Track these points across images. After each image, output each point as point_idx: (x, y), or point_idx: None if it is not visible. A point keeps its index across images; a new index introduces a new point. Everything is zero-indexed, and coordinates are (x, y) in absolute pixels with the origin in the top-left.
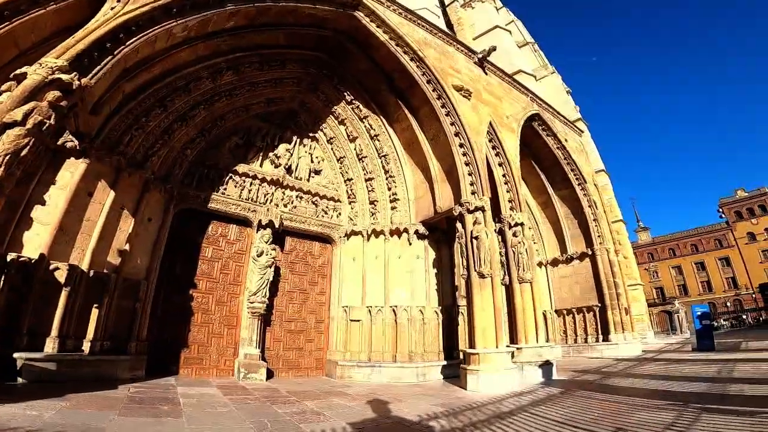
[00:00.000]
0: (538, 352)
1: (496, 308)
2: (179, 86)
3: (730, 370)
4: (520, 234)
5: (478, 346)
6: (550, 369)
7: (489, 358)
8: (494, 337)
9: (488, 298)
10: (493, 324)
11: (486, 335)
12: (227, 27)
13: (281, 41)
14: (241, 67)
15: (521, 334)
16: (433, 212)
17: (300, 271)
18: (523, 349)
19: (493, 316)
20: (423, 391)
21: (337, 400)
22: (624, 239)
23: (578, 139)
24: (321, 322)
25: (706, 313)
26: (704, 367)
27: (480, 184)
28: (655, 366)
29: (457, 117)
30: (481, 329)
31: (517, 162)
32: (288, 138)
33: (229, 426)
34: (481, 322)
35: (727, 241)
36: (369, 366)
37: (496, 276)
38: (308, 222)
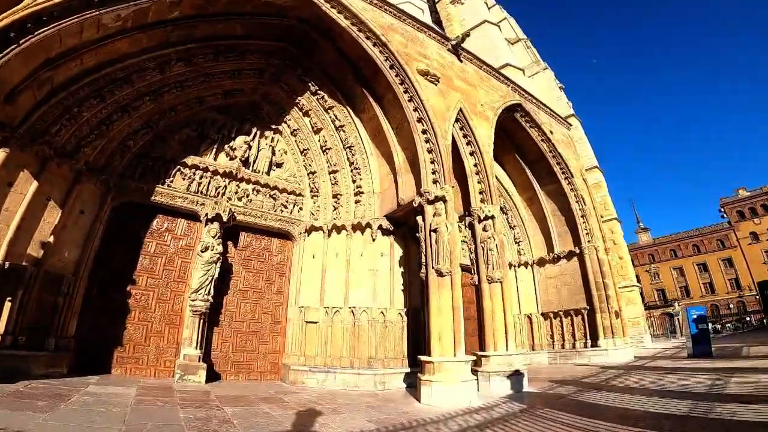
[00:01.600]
0: (508, 360)
1: (454, 310)
2: (120, 77)
3: (724, 383)
4: (491, 228)
5: (433, 353)
6: (520, 380)
7: (444, 367)
8: (452, 344)
9: (446, 298)
10: (451, 328)
11: (443, 341)
12: (171, 17)
13: (239, 32)
14: (193, 58)
15: (489, 341)
16: (396, 205)
17: (255, 268)
18: (490, 357)
19: (451, 319)
20: (373, 401)
21: (266, 408)
22: (619, 238)
23: (566, 132)
24: (278, 323)
25: (702, 316)
26: (696, 378)
27: (443, 173)
28: (642, 376)
29: (421, 102)
30: (437, 334)
31: (490, 152)
32: (247, 130)
33: (87, 427)
34: (437, 327)
35: (730, 241)
36: (323, 371)
37: (455, 274)
38: (265, 217)
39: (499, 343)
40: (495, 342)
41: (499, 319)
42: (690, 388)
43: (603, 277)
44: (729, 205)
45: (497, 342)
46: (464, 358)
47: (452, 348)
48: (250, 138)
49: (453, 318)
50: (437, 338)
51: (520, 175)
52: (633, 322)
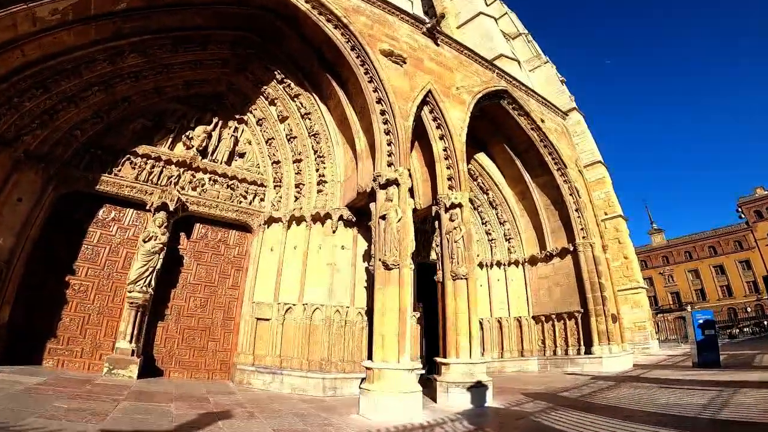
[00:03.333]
0: (470, 370)
1: (401, 311)
2: (67, 69)
3: (723, 401)
4: (458, 218)
5: (375, 358)
6: (482, 393)
7: (385, 375)
8: (395, 349)
9: (392, 295)
10: (396, 330)
11: (386, 345)
12: (119, 9)
13: (199, 22)
14: (149, 49)
15: (451, 346)
16: (356, 193)
17: (209, 261)
18: (450, 365)
19: (396, 319)
20: (308, 409)
21: (173, 407)
22: (624, 237)
23: (560, 122)
24: (231, 320)
25: (710, 321)
26: (692, 394)
27: (399, 154)
28: (631, 390)
29: (381, 82)
30: (380, 336)
31: (462, 135)
32: (208, 120)
33: None
34: (380, 328)
35: (747, 242)
36: (269, 372)
37: (405, 267)
38: (221, 207)
39: (462, 349)
40: (457, 348)
41: (462, 322)
42: (680, 408)
43: (599, 277)
44: (746, 205)
45: (459, 348)
46: (409, 365)
47: (396, 353)
48: (211, 127)
49: (399, 318)
50: (379, 342)
51: (510, 167)
52: (639, 327)
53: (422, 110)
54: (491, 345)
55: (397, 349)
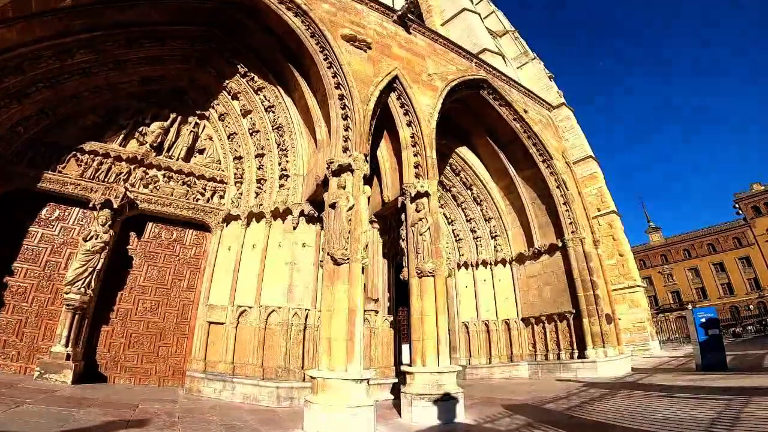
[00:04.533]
0: (437, 380)
1: (350, 310)
2: (9, 66)
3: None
4: (425, 207)
5: (321, 365)
6: (451, 407)
7: (331, 386)
8: (343, 355)
9: (341, 293)
10: (344, 335)
11: (333, 351)
12: (64, 6)
13: (156, 17)
14: (100, 46)
15: (417, 353)
16: (315, 185)
17: (162, 262)
18: (415, 374)
19: (345, 321)
20: (250, 422)
21: (82, 413)
22: (619, 233)
23: (545, 114)
24: (186, 324)
25: (713, 320)
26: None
27: (356, 139)
28: (626, 400)
29: (340, 67)
30: (326, 341)
31: (432, 122)
32: (165, 116)
33: None
34: (327, 331)
35: (746, 239)
36: (220, 380)
37: (355, 262)
38: (175, 205)
39: (428, 356)
40: (423, 354)
41: (429, 325)
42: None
43: (590, 275)
44: (743, 201)
45: (426, 354)
46: (357, 374)
47: (344, 360)
48: (168, 123)
49: (348, 320)
50: (326, 347)
51: (494, 161)
52: (638, 327)
53: (389, 97)
54: (478, 350)
55: (345, 355)
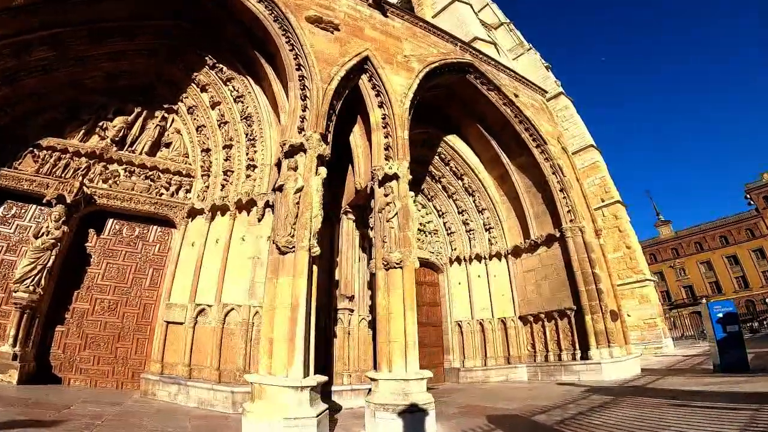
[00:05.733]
0: (403, 388)
1: (293, 306)
2: None
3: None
4: (393, 191)
5: (260, 368)
6: (419, 421)
7: (267, 393)
8: (285, 358)
9: (285, 287)
10: (286, 335)
11: (274, 353)
12: (17, 5)
13: (123, 14)
14: (63, 42)
15: (382, 357)
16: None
17: (123, 260)
18: (379, 382)
19: (287, 319)
20: (186, 429)
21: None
22: (625, 224)
23: (539, 99)
24: (147, 325)
25: (732, 314)
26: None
27: (312, 118)
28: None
29: (301, 47)
30: (266, 341)
31: (405, 102)
32: (129, 110)
33: None
34: (268, 330)
35: (759, 230)
36: (174, 383)
37: (301, 250)
38: (136, 200)
39: (395, 360)
40: (390, 359)
41: (396, 325)
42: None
43: (592, 267)
44: (755, 191)
45: (392, 359)
46: (297, 380)
47: (285, 364)
48: (132, 118)
49: (290, 318)
50: (266, 348)
51: (486, 150)
52: (649, 324)
53: (360, 79)
54: (473, 351)
55: (286, 359)
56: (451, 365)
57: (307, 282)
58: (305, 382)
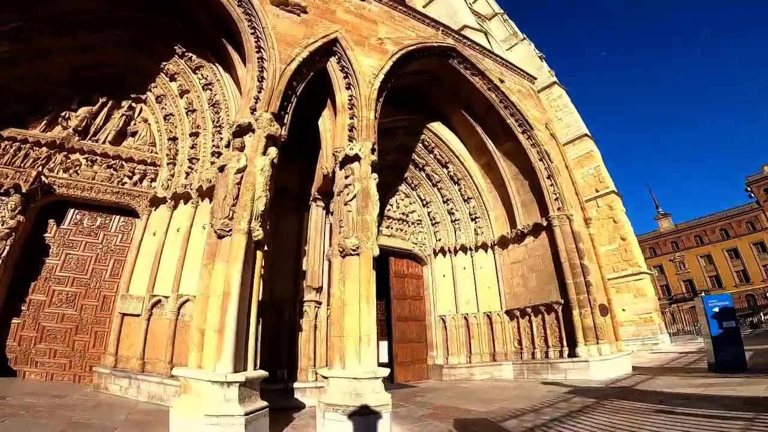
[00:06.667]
0: (354, 388)
1: (224, 294)
2: None
3: None
4: (354, 173)
5: (189, 361)
6: (371, 425)
7: (192, 388)
8: (214, 351)
9: (218, 275)
10: (217, 326)
11: (205, 345)
12: None
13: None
14: (25, 36)
15: (334, 353)
16: None
17: (82, 250)
18: (330, 380)
19: (218, 308)
20: (103, 423)
21: None
22: (620, 215)
23: (527, 85)
24: (106, 317)
25: (728, 309)
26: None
27: (265, 97)
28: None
29: (262, 30)
30: (197, 333)
31: (374, 84)
32: (94, 101)
33: None
34: (199, 320)
35: (760, 223)
36: (126, 377)
37: (237, 233)
38: (97, 189)
39: (349, 357)
40: (343, 355)
41: (351, 317)
42: None
43: (580, 258)
44: (755, 184)
45: (346, 355)
46: (224, 376)
47: (214, 357)
48: (97, 108)
49: (222, 307)
50: (197, 340)
51: (472, 137)
52: (644, 319)
53: (328, 61)
54: (457, 347)
55: (215, 350)
56: (435, 362)
57: (245, 268)
58: (233, 378)
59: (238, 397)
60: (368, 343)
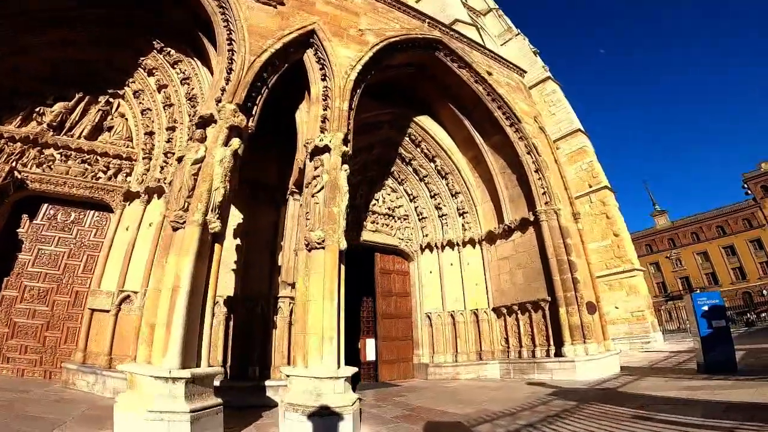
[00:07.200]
0: (315, 387)
1: (174, 290)
2: None
3: None
4: (324, 165)
5: (138, 357)
6: (331, 426)
7: (137, 384)
8: (162, 345)
9: (170, 268)
10: (166, 320)
11: (155, 339)
12: None
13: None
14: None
15: (297, 350)
16: None
17: (55, 245)
18: (292, 378)
19: (168, 302)
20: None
21: None
22: (613, 211)
23: (516, 78)
24: (79, 313)
25: (718, 308)
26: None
27: (231, 88)
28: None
29: (234, 22)
30: (147, 327)
31: (351, 75)
32: (71, 96)
33: None
34: (151, 314)
35: (757, 220)
36: (92, 373)
37: (190, 225)
38: (71, 184)
39: (312, 355)
40: (305, 353)
41: (314, 314)
42: None
43: (568, 254)
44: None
45: (308, 353)
46: (168, 372)
47: (161, 351)
48: (73, 103)
49: (171, 300)
50: (147, 335)
51: (460, 130)
52: (637, 317)
53: (305, 53)
54: (444, 346)
55: (163, 344)
56: (420, 361)
57: (198, 262)
58: (178, 374)
59: (185, 393)
60: (331, 342)
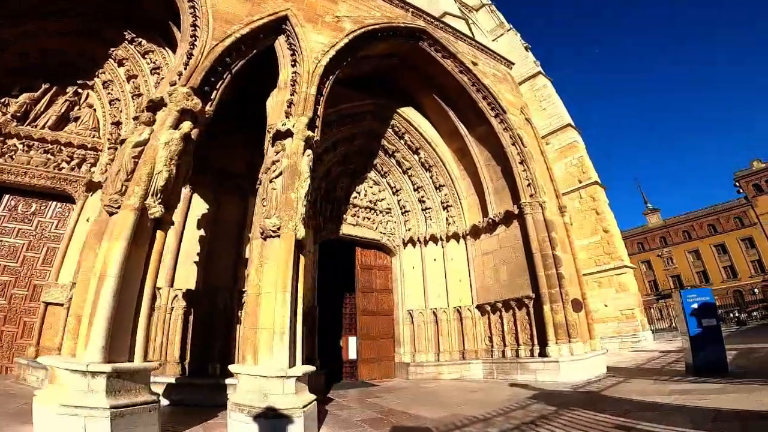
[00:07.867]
0: (261, 387)
1: (101, 278)
2: None
3: None
4: (285, 150)
5: (63, 349)
6: (279, 428)
7: (57, 377)
8: (85, 336)
9: (101, 256)
10: (91, 305)
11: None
12: None
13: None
14: None
15: (248, 347)
16: None
17: (15, 237)
18: (240, 376)
19: (93, 292)
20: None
21: None
22: (603, 207)
23: (503, 69)
24: (36, 306)
25: (709, 305)
26: None
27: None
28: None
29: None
30: (74, 319)
31: (322, 60)
32: (37, 87)
33: None
34: (77, 304)
35: (748, 218)
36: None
37: (126, 209)
38: (31, 174)
39: (262, 352)
40: (256, 349)
41: (267, 308)
42: None
43: (553, 248)
44: (744, 179)
45: (259, 350)
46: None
47: (84, 343)
48: (38, 94)
49: (96, 290)
50: (73, 327)
51: (444, 122)
52: (626, 315)
53: (276, 40)
54: (426, 344)
55: (86, 336)
56: (402, 359)
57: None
58: (96, 368)
59: (107, 388)
60: (282, 338)
